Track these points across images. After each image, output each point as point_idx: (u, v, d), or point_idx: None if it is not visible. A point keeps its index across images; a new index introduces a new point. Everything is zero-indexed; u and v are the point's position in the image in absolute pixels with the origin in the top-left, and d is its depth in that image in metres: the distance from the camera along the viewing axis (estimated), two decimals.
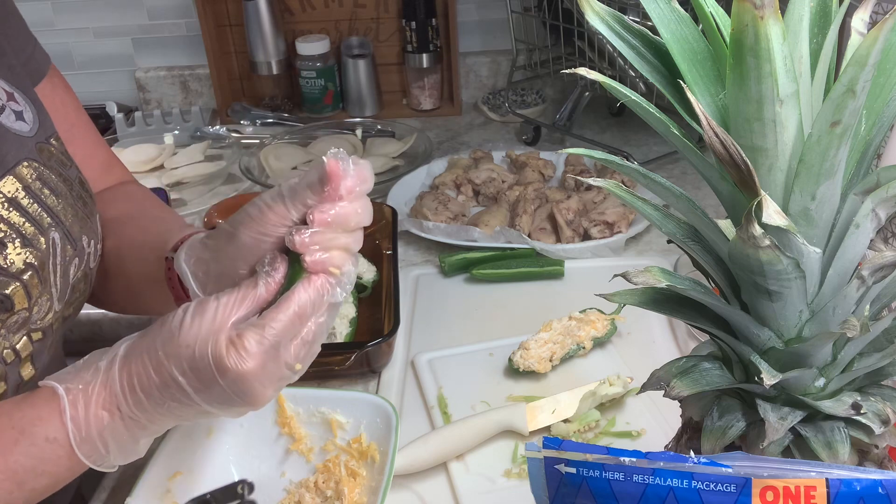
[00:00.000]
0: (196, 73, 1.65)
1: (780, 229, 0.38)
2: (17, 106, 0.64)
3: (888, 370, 0.46)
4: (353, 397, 0.76)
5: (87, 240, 0.67)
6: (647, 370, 0.49)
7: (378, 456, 0.71)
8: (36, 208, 0.62)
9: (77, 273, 0.66)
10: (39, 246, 0.62)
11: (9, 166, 0.61)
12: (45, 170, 0.64)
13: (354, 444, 0.73)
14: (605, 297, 0.48)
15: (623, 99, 0.42)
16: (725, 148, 0.37)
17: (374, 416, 0.74)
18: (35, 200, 0.62)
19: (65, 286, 0.65)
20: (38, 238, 0.62)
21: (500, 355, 0.89)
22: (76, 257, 0.66)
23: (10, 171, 0.61)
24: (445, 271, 1.05)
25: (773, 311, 0.43)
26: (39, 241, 0.62)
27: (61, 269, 0.64)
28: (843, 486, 0.38)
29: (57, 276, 0.64)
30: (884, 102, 0.41)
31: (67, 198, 0.66)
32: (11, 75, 0.66)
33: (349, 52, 1.56)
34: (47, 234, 0.62)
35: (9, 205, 0.60)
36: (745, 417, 0.46)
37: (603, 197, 1.14)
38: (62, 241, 0.64)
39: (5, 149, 0.61)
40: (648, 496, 0.40)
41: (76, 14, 1.62)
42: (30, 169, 0.63)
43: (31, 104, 0.66)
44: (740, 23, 0.35)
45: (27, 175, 0.63)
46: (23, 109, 0.65)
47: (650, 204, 0.46)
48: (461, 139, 1.49)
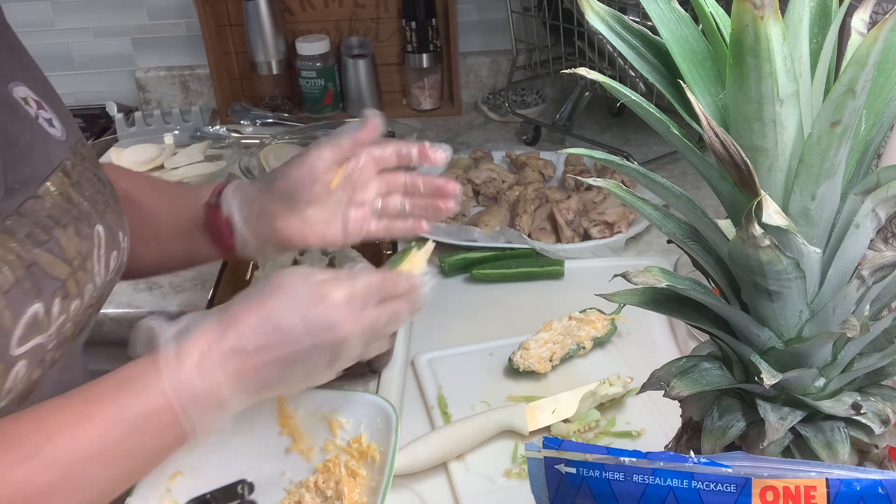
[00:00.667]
0: (196, 73, 1.65)
1: (780, 229, 0.38)
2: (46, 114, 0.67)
3: (888, 370, 0.46)
4: (352, 397, 0.76)
5: (122, 235, 0.71)
6: (647, 370, 0.49)
7: (378, 456, 0.71)
8: (83, 202, 0.65)
9: (115, 265, 0.70)
10: (88, 237, 0.65)
11: (55, 164, 0.64)
12: (83, 169, 0.68)
13: (354, 444, 0.73)
14: (605, 297, 0.48)
15: (623, 99, 0.42)
16: (725, 148, 0.37)
17: (374, 416, 0.74)
18: (81, 195, 0.66)
19: (105, 278, 0.68)
20: (86, 229, 0.65)
21: (500, 355, 0.89)
22: (114, 250, 0.69)
23: (57, 168, 0.64)
24: (445, 271, 1.05)
25: (773, 311, 0.43)
26: (86, 232, 0.65)
27: (104, 260, 0.67)
28: (843, 486, 0.38)
29: (100, 267, 0.67)
30: (884, 102, 0.41)
31: (104, 194, 0.69)
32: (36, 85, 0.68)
33: (349, 52, 1.56)
34: (93, 227, 0.66)
35: (62, 198, 0.63)
36: (745, 417, 0.46)
37: (603, 197, 1.14)
38: (105, 233, 0.67)
39: (49, 149, 0.65)
40: (648, 496, 0.40)
41: (76, 14, 1.62)
42: (72, 167, 0.66)
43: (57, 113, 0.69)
44: (740, 23, 0.35)
45: (71, 172, 0.66)
46: (51, 117, 0.67)
47: (650, 204, 0.46)
48: (461, 139, 1.48)
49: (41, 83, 0.69)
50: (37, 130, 0.64)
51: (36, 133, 0.64)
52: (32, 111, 0.65)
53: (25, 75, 0.68)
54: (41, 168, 0.63)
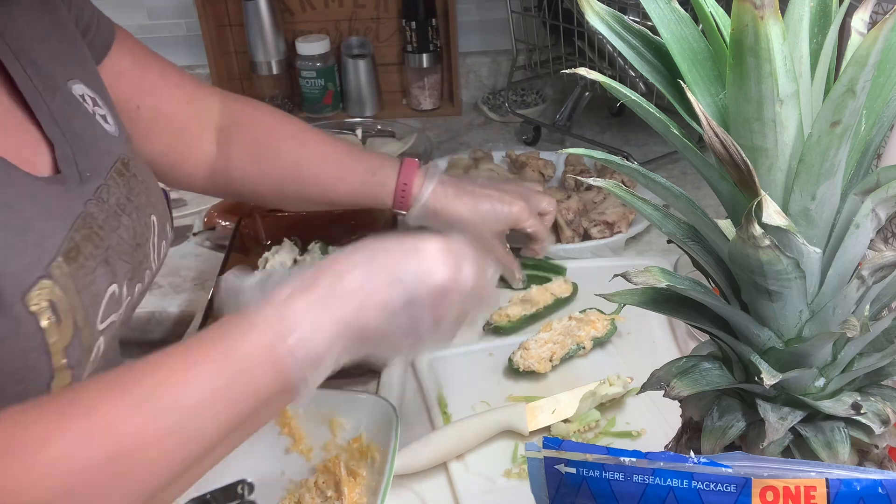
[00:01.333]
0: (196, 73, 1.64)
1: (780, 229, 0.38)
2: (101, 111, 0.69)
3: (888, 370, 0.46)
4: (352, 397, 0.76)
5: (169, 227, 0.74)
6: (647, 370, 0.49)
7: (378, 456, 0.71)
8: (140, 194, 0.69)
9: (163, 254, 0.73)
10: (147, 225, 0.68)
11: (115, 157, 0.67)
12: (136, 162, 0.71)
13: (354, 443, 0.73)
14: (605, 297, 0.48)
15: (623, 99, 0.42)
16: (725, 148, 0.37)
17: (374, 416, 0.74)
18: (138, 187, 0.69)
19: (157, 264, 0.71)
20: (145, 218, 0.68)
21: (500, 355, 0.89)
22: (164, 240, 0.72)
23: (117, 161, 0.67)
24: None
25: (773, 311, 0.43)
26: (145, 221, 0.68)
27: (157, 248, 0.71)
28: (843, 486, 0.38)
29: (154, 255, 0.70)
30: (884, 102, 0.41)
31: (153, 188, 0.73)
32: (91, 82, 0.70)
33: (349, 52, 1.56)
34: (149, 217, 0.69)
35: (126, 188, 0.67)
36: (745, 417, 0.46)
37: (603, 197, 1.14)
38: (157, 223, 0.71)
39: (109, 144, 0.68)
40: (648, 496, 0.40)
41: None
42: (128, 161, 0.69)
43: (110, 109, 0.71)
44: (740, 23, 0.35)
45: (129, 165, 0.69)
46: (105, 114, 0.70)
47: (650, 204, 0.46)
48: (461, 139, 1.48)
49: (95, 79, 0.72)
50: (97, 126, 0.67)
51: (96, 129, 0.67)
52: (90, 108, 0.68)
53: (83, 72, 0.70)
54: (105, 161, 0.66)
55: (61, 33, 0.69)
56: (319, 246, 1.03)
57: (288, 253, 1.03)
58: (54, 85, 0.64)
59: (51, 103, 0.63)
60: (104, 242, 0.62)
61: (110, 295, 0.62)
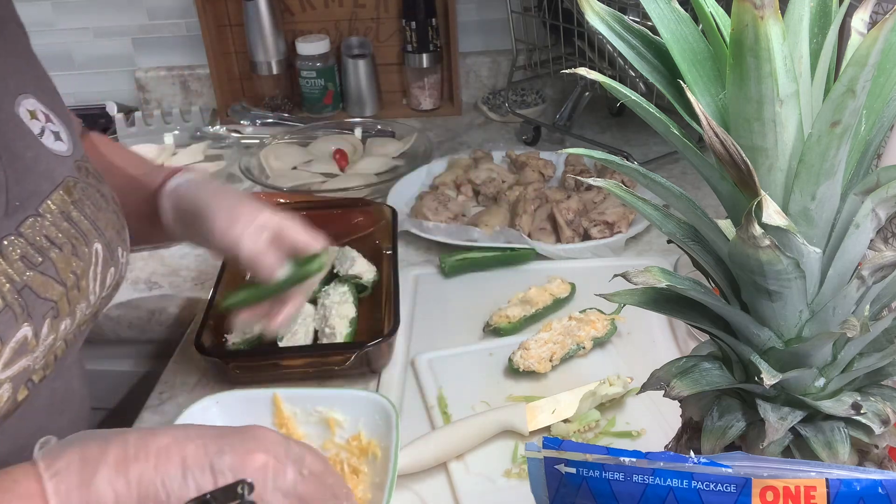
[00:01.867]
0: (196, 73, 1.65)
1: (780, 229, 0.38)
2: (54, 127, 0.67)
3: (888, 370, 0.46)
4: (349, 395, 0.76)
5: (122, 251, 0.70)
6: (647, 370, 0.49)
7: (379, 452, 0.71)
8: (83, 220, 0.65)
9: (112, 282, 0.69)
10: (85, 256, 0.64)
11: (57, 182, 0.64)
12: (86, 185, 0.67)
13: (353, 441, 0.73)
14: (605, 297, 0.48)
15: (623, 99, 0.42)
16: (725, 148, 0.37)
17: (373, 413, 0.74)
18: (82, 213, 0.65)
19: (99, 295, 0.67)
20: (83, 248, 0.64)
21: (500, 355, 0.89)
22: (112, 267, 0.68)
23: (59, 186, 0.64)
24: (445, 271, 1.05)
25: (773, 311, 0.43)
26: (85, 251, 0.64)
27: (100, 278, 0.67)
28: (843, 486, 0.38)
29: (96, 285, 0.66)
30: (884, 102, 0.41)
31: (106, 211, 0.69)
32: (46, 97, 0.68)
33: (349, 52, 1.56)
34: (91, 245, 0.65)
35: (62, 217, 0.63)
36: (745, 417, 0.46)
37: (603, 197, 1.14)
38: (104, 251, 0.67)
39: (51, 166, 0.64)
40: (648, 496, 0.40)
41: (76, 14, 1.62)
42: (74, 185, 0.66)
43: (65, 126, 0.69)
44: (740, 23, 0.35)
45: (73, 190, 0.65)
46: (59, 130, 0.67)
47: (650, 204, 0.46)
48: (461, 139, 1.48)
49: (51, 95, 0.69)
50: (41, 147, 0.64)
51: (40, 150, 0.64)
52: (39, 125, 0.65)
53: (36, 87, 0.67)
54: (44, 185, 0.63)
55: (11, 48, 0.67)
56: None
57: None
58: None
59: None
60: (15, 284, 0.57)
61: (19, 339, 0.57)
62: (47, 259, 0.60)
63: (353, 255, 1.01)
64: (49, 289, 0.60)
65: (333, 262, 1.02)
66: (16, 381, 0.58)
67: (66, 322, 0.62)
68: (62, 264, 0.61)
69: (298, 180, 1.30)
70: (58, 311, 0.61)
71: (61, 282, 0.61)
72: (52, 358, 0.62)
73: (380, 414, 0.73)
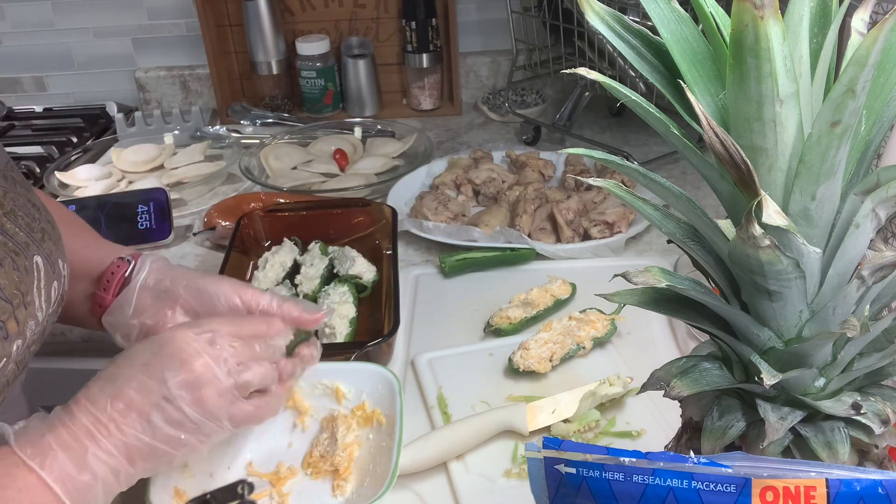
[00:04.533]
0: (196, 73, 1.65)
1: (780, 229, 0.38)
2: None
3: (888, 370, 0.46)
4: (352, 367, 0.78)
5: (62, 263, 0.68)
6: (647, 370, 0.49)
7: (384, 420, 0.74)
8: (18, 232, 0.62)
9: (56, 297, 0.66)
10: (26, 270, 0.61)
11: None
12: (15, 195, 0.64)
13: (358, 410, 0.75)
14: (605, 297, 0.48)
15: (623, 99, 0.42)
16: (725, 148, 0.37)
17: (376, 384, 0.76)
18: (16, 225, 0.62)
19: (46, 311, 0.65)
20: (23, 262, 0.61)
21: (500, 355, 0.89)
22: (55, 280, 0.66)
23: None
24: (445, 271, 1.05)
25: (773, 311, 0.43)
26: (24, 265, 0.61)
27: (45, 293, 0.64)
28: (843, 486, 0.38)
29: (41, 301, 0.64)
30: (884, 102, 0.41)
31: (40, 222, 0.66)
32: None
33: (349, 52, 1.56)
34: (31, 259, 0.62)
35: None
36: (745, 417, 0.46)
37: (603, 197, 1.14)
38: (44, 263, 0.64)
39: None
40: (648, 496, 0.40)
41: (76, 14, 1.62)
42: (4, 195, 0.63)
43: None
44: (740, 23, 0.35)
45: (4, 200, 0.62)
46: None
47: (650, 204, 0.46)
48: (461, 139, 1.48)
49: None
50: None
51: None
52: None
53: None
54: None
55: None
56: (319, 246, 1.03)
57: (288, 253, 1.03)
58: None
59: None
60: None
61: None
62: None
63: (353, 255, 1.01)
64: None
65: (333, 262, 1.02)
66: None
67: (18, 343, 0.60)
68: (4, 280, 0.58)
69: (298, 180, 1.30)
70: (6, 331, 0.58)
71: (6, 299, 0.58)
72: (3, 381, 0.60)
73: (383, 384, 0.76)
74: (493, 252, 1.06)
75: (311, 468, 0.73)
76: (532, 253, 1.06)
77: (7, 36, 1.65)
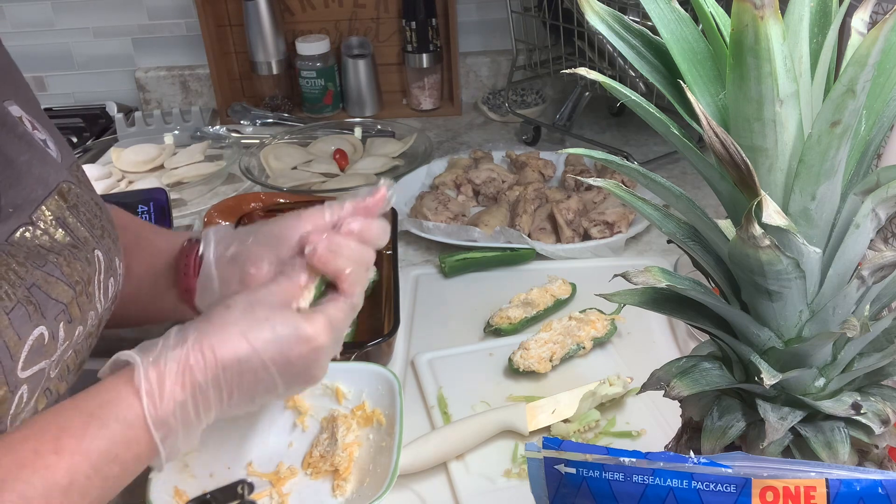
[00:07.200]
0: (196, 73, 1.65)
1: (780, 229, 0.38)
2: (40, 135, 0.65)
3: (888, 370, 0.46)
4: (352, 367, 0.78)
5: (118, 262, 0.69)
6: (647, 370, 0.49)
7: (384, 420, 0.74)
8: (79, 227, 0.63)
9: (113, 293, 0.68)
10: (86, 262, 0.63)
11: (52, 186, 0.62)
12: (80, 191, 0.65)
13: (358, 410, 0.75)
14: (605, 297, 0.48)
15: (623, 99, 0.42)
16: (725, 148, 0.37)
17: (376, 384, 0.76)
18: (78, 220, 0.64)
19: (104, 305, 0.66)
20: (84, 255, 0.63)
21: (500, 355, 0.89)
22: (112, 277, 0.67)
23: (54, 190, 0.62)
24: (445, 271, 1.05)
25: (773, 311, 0.43)
26: (85, 258, 0.63)
27: (103, 286, 0.65)
28: (843, 487, 0.38)
29: (101, 293, 0.65)
30: (884, 102, 0.41)
31: (101, 219, 0.67)
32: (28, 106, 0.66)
33: (349, 52, 1.56)
34: (92, 252, 0.64)
35: (56, 223, 0.61)
36: (745, 417, 0.46)
37: (603, 197, 1.14)
38: (104, 258, 0.65)
39: (46, 170, 0.62)
40: (648, 496, 0.40)
41: (76, 14, 1.62)
42: (69, 190, 0.64)
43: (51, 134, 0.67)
44: (740, 23, 0.35)
45: (68, 195, 0.64)
46: (46, 139, 0.65)
47: (650, 204, 0.46)
48: (461, 139, 1.49)
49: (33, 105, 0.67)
50: (36, 149, 0.62)
51: (35, 152, 0.62)
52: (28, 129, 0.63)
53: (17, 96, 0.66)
54: (38, 190, 0.61)
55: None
56: None
57: None
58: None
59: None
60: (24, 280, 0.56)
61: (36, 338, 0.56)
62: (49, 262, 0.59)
63: None
64: (58, 290, 0.59)
65: None
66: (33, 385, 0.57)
67: (80, 329, 0.61)
68: (66, 268, 0.60)
69: (298, 180, 1.30)
70: (70, 315, 0.60)
71: (69, 284, 0.60)
72: (65, 369, 0.61)
73: (383, 384, 0.76)
74: (493, 252, 1.06)
75: (311, 468, 0.73)
76: (532, 253, 1.06)
77: (7, 36, 1.64)
